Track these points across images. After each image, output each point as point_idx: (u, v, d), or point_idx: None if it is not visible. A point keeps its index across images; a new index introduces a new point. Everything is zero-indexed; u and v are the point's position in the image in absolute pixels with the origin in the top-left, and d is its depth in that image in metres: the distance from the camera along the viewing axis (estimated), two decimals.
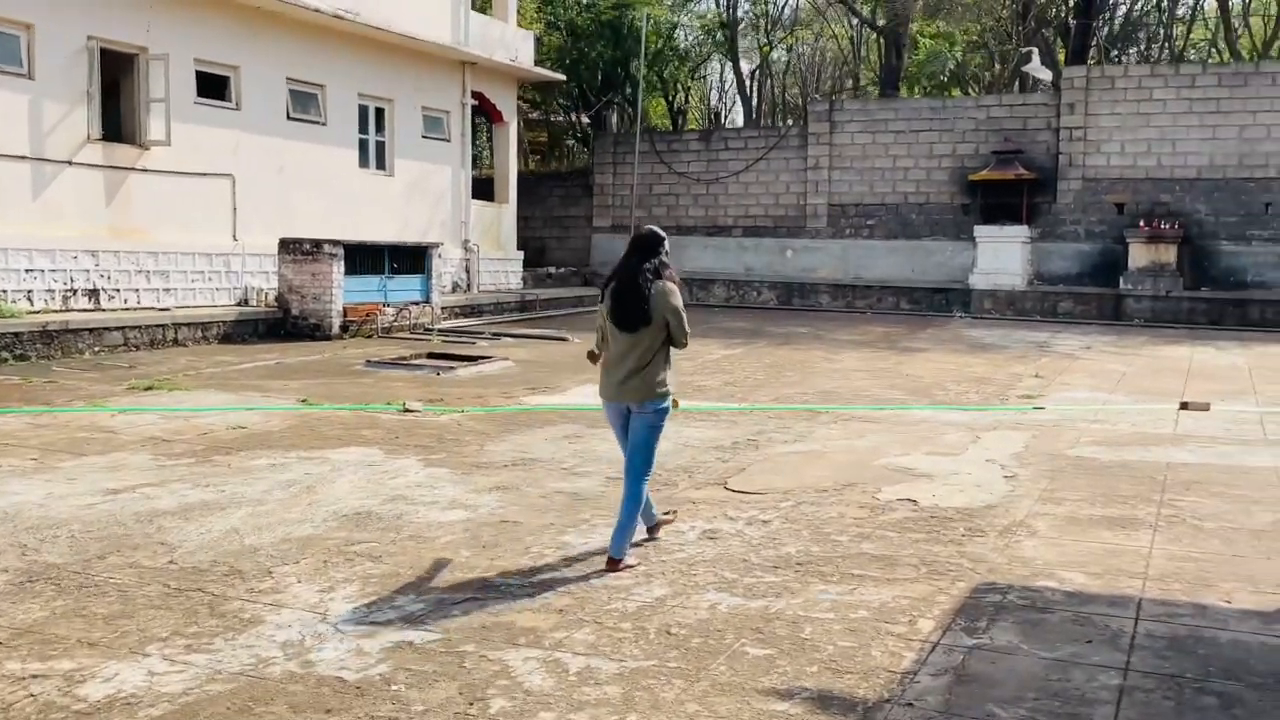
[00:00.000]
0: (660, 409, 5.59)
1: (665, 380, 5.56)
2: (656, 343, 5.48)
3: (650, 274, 5.42)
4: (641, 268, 5.44)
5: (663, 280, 5.45)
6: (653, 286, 5.41)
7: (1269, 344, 17.76)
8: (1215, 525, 6.42)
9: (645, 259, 5.47)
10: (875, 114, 24.62)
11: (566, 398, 11.24)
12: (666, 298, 5.42)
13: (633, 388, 5.51)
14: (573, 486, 7.31)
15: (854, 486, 7.40)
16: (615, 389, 5.59)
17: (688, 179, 26.16)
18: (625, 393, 5.55)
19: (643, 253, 5.49)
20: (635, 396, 5.53)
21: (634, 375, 5.49)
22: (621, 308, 5.44)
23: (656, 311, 5.41)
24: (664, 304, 5.41)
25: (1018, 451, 8.66)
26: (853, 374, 13.50)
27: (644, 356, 5.47)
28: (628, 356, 5.49)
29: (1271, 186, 21.38)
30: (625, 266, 5.52)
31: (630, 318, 5.42)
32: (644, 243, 5.53)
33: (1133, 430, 9.72)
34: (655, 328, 5.43)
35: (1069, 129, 22.80)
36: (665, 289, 5.44)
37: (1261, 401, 11.57)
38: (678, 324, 5.48)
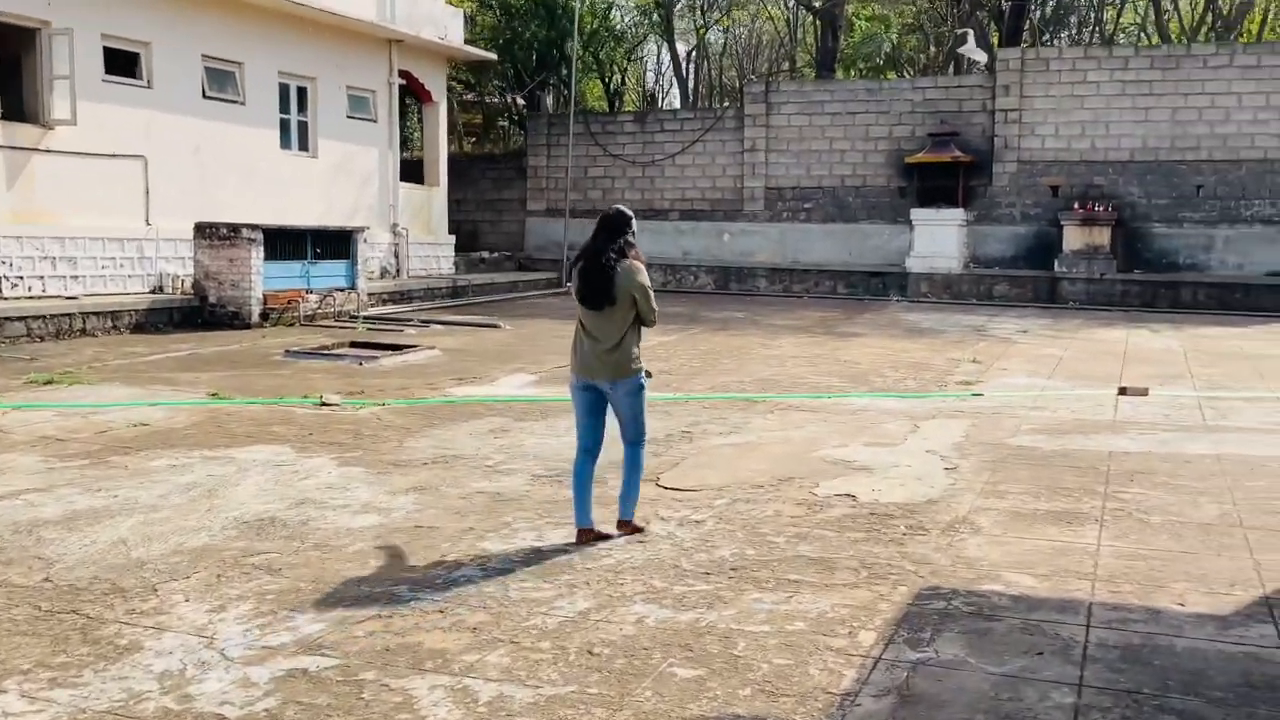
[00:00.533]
0: (636, 384, 5.69)
1: (636, 356, 5.65)
2: (625, 321, 5.55)
3: (615, 253, 5.49)
4: (607, 247, 5.51)
5: (628, 259, 5.52)
6: (618, 265, 5.47)
7: (1201, 326, 17.86)
8: (1162, 519, 6.20)
9: (611, 239, 5.53)
10: (811, 96, 24.38)
11: (495, 389, 10.80)
12: (632, 276, 5.50)
13: (604, 366, 5.59)
14: (495, 486, 6.90)
15: (791, 481, 7.09)
16: (586, 367, 5.66)
17: (623, 161, 25.72)
18: (597, 371, 5.62)
19: (609, 232, 5.55)
20: (607, 375, 5.61)
21: (605, 354, 5.57)
22: (588, 286, 5.52)
23: (622, 290, 5.47)
24: (629, 282, 5.49)
25: (958, 441, 8.42)
26: (790, 360, 13.23)
27: (613, 335, 5.54)
28: (597, 335, 5.57)
29: (1202, 169, 21.53)
30: (592, 246, 5.58)
31: (596, 296, 5.50)
32: (610, 223, 5.60)
33: (1073, 417, 9.54)
34: (622, 306, 5.50)
35: (1004, 111, 22.76)
36: (631, 267, 5.51)
37: (1198, 385, 11.50)
38: (645, 302, 5.55)
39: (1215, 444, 8.34)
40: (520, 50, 28.29)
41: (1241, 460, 7.76)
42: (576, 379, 5.77)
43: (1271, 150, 21.09)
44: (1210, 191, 21.46)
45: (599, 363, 5.60)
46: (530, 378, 11.50)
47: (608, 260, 5.48)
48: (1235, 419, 9.50)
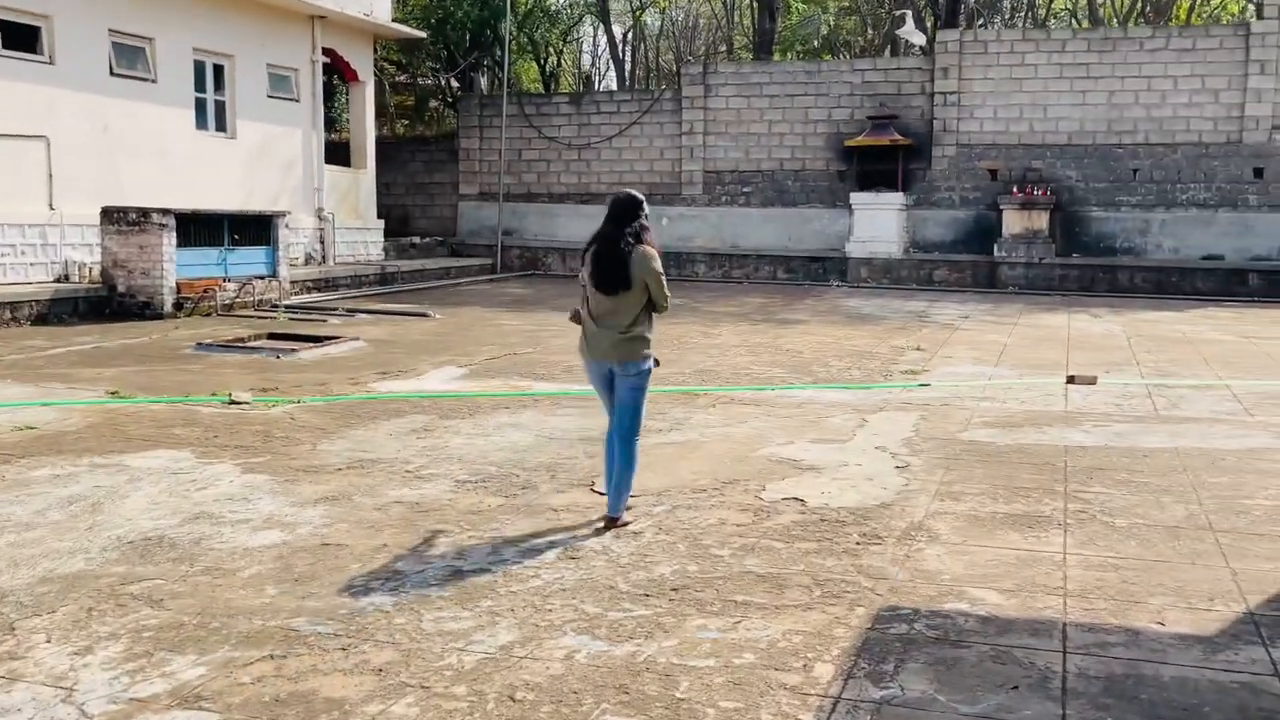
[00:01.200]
0: (643, 370, 5.71)
1: (647, 341, 5.69)
2: (637, 305, 5.59)
3: (631, 238, 5.52)
4: (622, 232, 5.53)
5: (643, 245, 5.55)
6: (633, 251, 5.51)
7: (1140, 310, 17.78)
8: (1128, 522, 5.83)
9: (625, 223, 5.55)
10: (750, 78, 23.94)
11: (422, 382, 10.20)
12: (647, 262, 5.53)
13: (615, 349, 5.62)
14: (416, 494, 6.33)
15: (735, 484, 6.62)
16: (598, 350, 5.70)
17: (558, 144, 25.08)
18: (608, 354, 5.66)
19: (622, 217, 5.58)
20: (617, 357, 5.64)
21: (615, 337, 5.60)
22: (601, 271, 5.54)
23: (636, 275, 5.51)
24: (644, 268, 5.52)
25: (908, 436, 8.02)
26: (731, 350, 12.78)
27: (625, 318, 5.58)
28: (609, 318, 5.60)
29: (1139, 152, 21.50)
30: (606, 231, 5.60)
31: (611, 281, 5.52)
32: (622, 207, 5.62)
33: (1024, 409, 9.21)
34: (635, 291, 5.54)
35: (943, 94, 22.52)
36: (645, 253, 5.54)
37: (1145, 373, 11.27)
38: (658, 288, 5.59)
39: (1172, 436, 8.04)
40: (453, 30, 27.44)
41: (1201, 454, 7.45)
42: (590, 362, 5.81)
43: (1206, 134, 21.12)
44: (1146, 175, 21.44)
45: (609, 346, 5.63)
46: (460, 370, 10.91)
47: (624, 245, 5.50)
48: (1187, 408, 9.24)
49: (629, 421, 5.77)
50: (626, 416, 5.76)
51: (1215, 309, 18.18)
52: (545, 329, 14.38)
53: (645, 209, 5.67)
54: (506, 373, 10.80)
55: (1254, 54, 20.60)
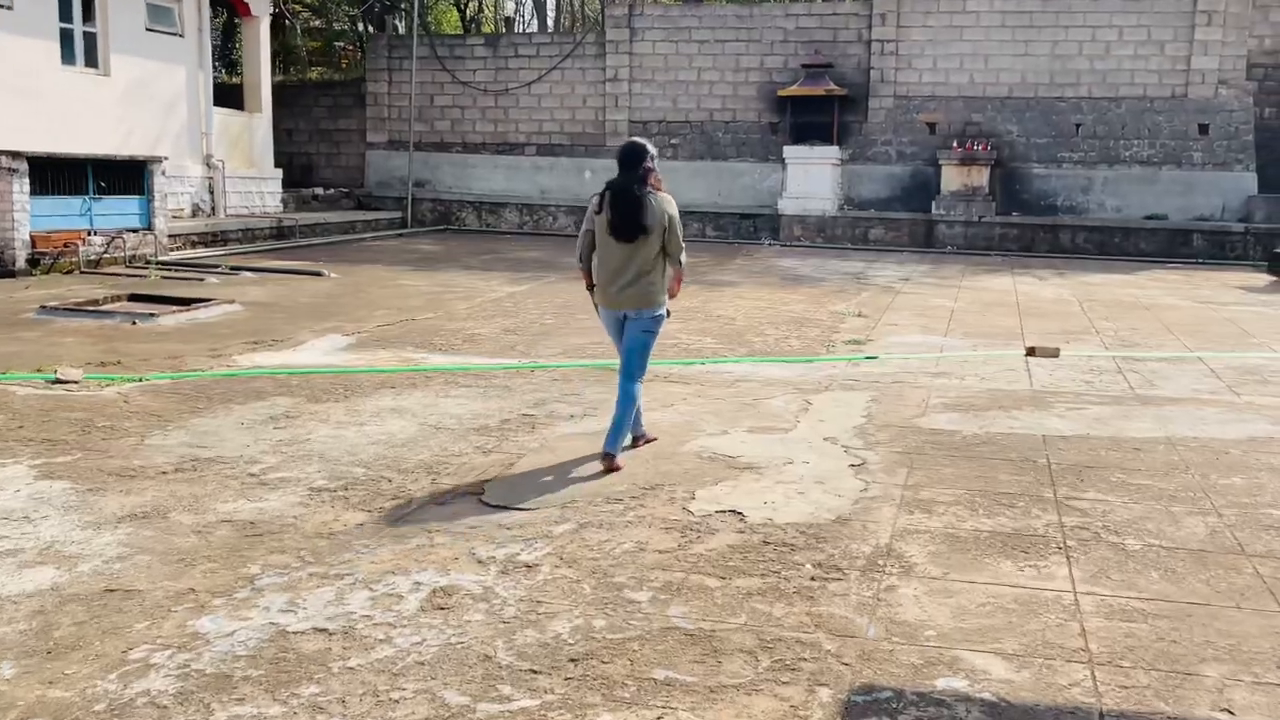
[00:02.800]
0: (657, 315, 5.76)
1: (662, 287, 5.72)
2: (653, 252, 5.62)
3: (643, 183, 5.52)
4: (635, 178, 5.54)
5: (654, 191, 5.56)
6: (649, 196, 5.53)
7: (1085, 272, 16.91)
8: (1140, 544, 4.73)
9: (635, 168, 5.55)
10: (678, 22, 22.51)
11: (296, 354, 8.78)
12: (664, 207, 5.59)
13: (631, 296, 5.66)
14: (254, 509, 4.99)
15: (659, 490, 5.39)
16: (613, 297, 5.72)
17: (474, 89, 23.42)
18: (623, 301, 5.69)
19: (630, 164, 5.57)
20: (633, 304, 5.68)
21: (632, 284, 5.64)
22: (619, 218, 5.55)
23: (653, 222, 5.55)
24: (659, 212, 5.56)
25: (859, 423, 6.87)
26: None
27: (643, 266, 5.61)
28: (625, 266, 5.62)
29: (1082, 106, 20.61)
30: (619, 179, 5.60)
31: (629, 227, 5.54)
32: (628, 155, 5.60)
33: (985, 386, 8.12)
34: (653, 238, 5.58)
35: (880, 42, 21.37)
36: (660, 198, 5.58)
37: (1108, 343, 10.28)
38: (674, 235, 5.64)
39: (1159, 423, 7.00)
40: None
41: (1200, 446, 6.41)
42: (605, 311, 5.83)
43: (1151, 87, 20.29)
44: (1089, 131, 20.57)
45: (626, 294, 5.65)
46: (346, 340, 9.50)
47: (641, 191, 5.51)
48: (1165, 386, 8.23)
49: (635, 363, 5.81)
50: (634, 358, 5.81)
51: (1161, 271, 17.40)
52: (451, 290, 12.97)
53: (651, 152, 5.64)
54: (399, 342, 9.42)
55: (1201, 4, 19.76)
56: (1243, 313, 12.50)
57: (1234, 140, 19.87)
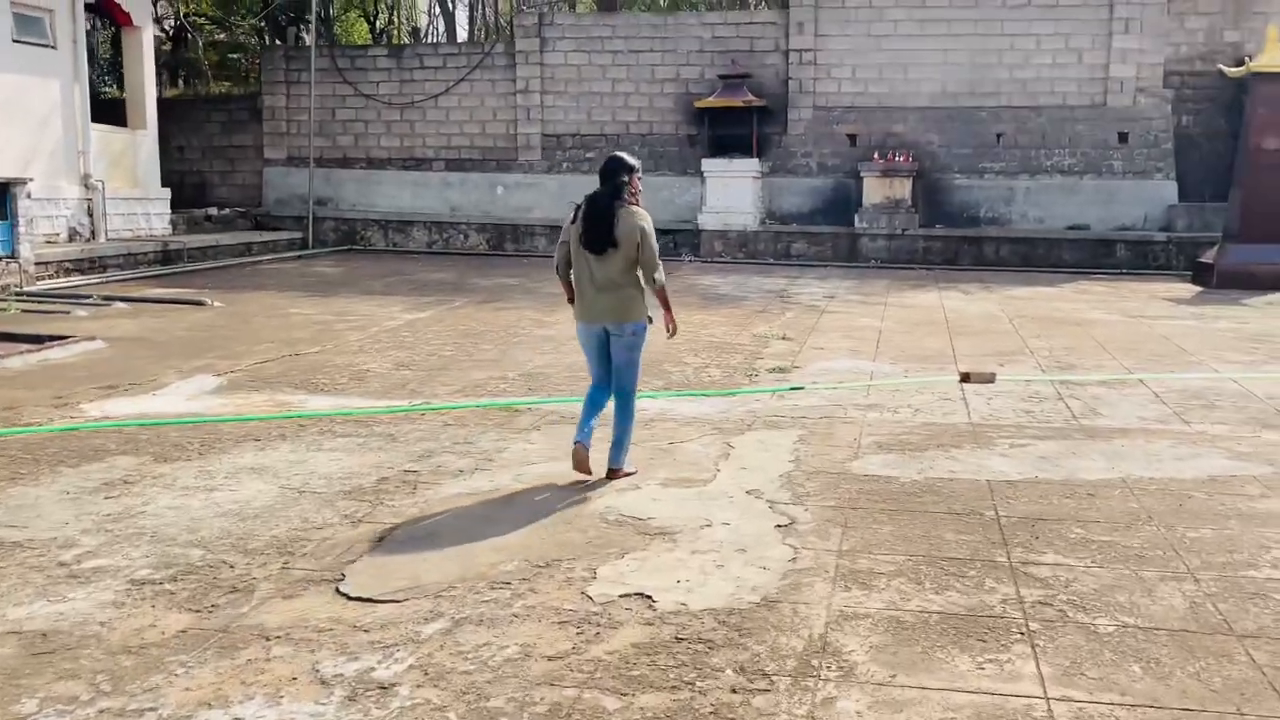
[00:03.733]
0: (637, 329, 5.71)
1: (639, 300, 5.67)
2: (627, 265, 5.58)
3: (617, 198, 5.54)
4: (608, 191, 5.56)
5: (629, 203, 5.56)
6: (620, 209, 5.53)
7: (1011, 286, 16.51)
8: (1114, 624, 4.04)
9: (611, 182, 5.56)
10: (590, 31, 21.77)
11: (155, 401, 7.79)
12: (633, 219, 5.55)
13: (607, 309, 5.65)
14: (53, 611, 4.07)
15: (555, 568, 4.58)
16: (590, 311, 5.70)
17: (378, 102, 22.38)
18: (599, 314, 5.68)
19: (607, 178, 5.58)
20: (611, 318, 5.67)
21: (607, 297, 5.62)
22: (588, 229, 5.57)
23: (622, 234, 5.52)
24: (630, 226, 5.52)
25: (786, 470, 6.13)
26: (568, 343, 10.71)
27: (616, 279, 5.60)
28: (599, 280, 5.61)
29: (1003, 115, 20.31)
30: (595, 192, 5.61)
31: (599, 240, 5.54)
32: (607, 169, 5.62)
33: (921, 420, 7.46)
34: (623, 250, 5.54)
35: (798, 51, 20.86)
36: (632, 212, 5.57)
37: (1044, 364, 9.73)
38: (646, 246, 5.56)
39: (1111, 460, 6.39)
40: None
41: (1160, 490, 5.79)
42: (581, 324, 5.81)
43: (1070, 96, 20.07)
44: (1011, 140, 20.28)
45: (603, 307, 5.65)
46: (216, 381, 8.52)
47: (609, 204, 5.54)
48: (1110, 414, 7.66)
49: (626, 380, 5.82)
50: (623, 376, 5.81)
51: (1087, 283, 17.09)
52: (345, 318, 12.01)
53: (630, 168, 5.61)
54: (278, 383, 8.47)
55: (1119, 11, 19.60)
56: (1176, 327, 12.10)
57: (1154, 149, 19.72)
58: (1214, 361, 9.92)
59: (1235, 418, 7.56)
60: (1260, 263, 15.98)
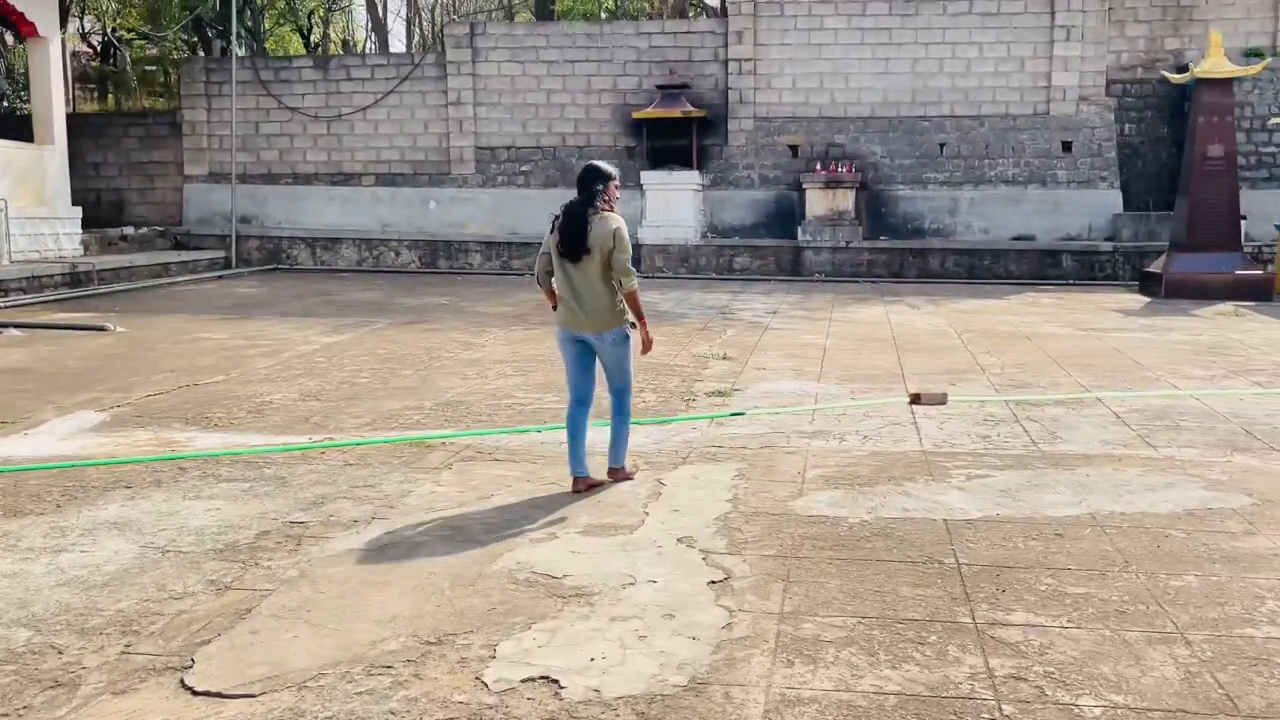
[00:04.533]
0: (617, 336, 5.72)
1: (620, 308, 5.69)
2: (602, 272, 5.60)
3: (591, 205, 5.59)
4: (583, 200, 5.61)
5: (601, 212, 5.60)
6: (593, 217, 5.58)
7: (958, 298, 16.10)
8: (1100, 706, 3.44)
9: (586, 191, 5.62)
10: (524, 41, 21.12)
11: (26, 442, 6.98)
12: (605, 225, 5.58)
13: (587, 317, 5.66)
14: None
15: (448, 644, 3.90)
16: (570, 319, 5.72)
17: (303, 115, 21.52)
18: (579, 323, 5.69)
19: (584, 186, 5.64)
20: (591, 327, 5.68)
21: (587, 305, 5.64)
22: (562, 237, 5.63)
23: (595, 242, 5.56)
24: (603, 231, 5.56)
25: (723, 512, 5.51)
26: (495, 367, 10.03)
27: (594, 286, 5.62)
28: (578, 287, 5.65)
29: (945, 125, 19.98)
30: (571, 201, 5.68)
31: (573, 247, 5.59)
32: (582, 178, 5.67)
33: (869, 449, 6.87)
34: (596, 257, 5.58)
35: (738, 61, 20.38)
36: (605, 218, 5.61)
37: (997, 382, 9.22)
38: (618, 252, 5.57)
39: (1077, 492, 5.84)
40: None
41: (1134, 528, 5.24)
42: (562, 331, 5.80)
43: (1013, 105, 19.80)
44: (954, 150, 19.95)
45: (583, 315, 5.65)
46: (99, 417, 7.71)
47: (583, 211, 5.58)
48: (1071, 438, 7.14)
49: (619, 380, 5.85)
50: (614, 377, 5.85)
51: (1034, 294, 16.73)
52: (257, 343, 11.21)
53: (605, 174, 5.65)
54: (167, 418, 7.68)
55: (1059, 19, 19.37)
56: (1128, 340, 11.69)
57: (1097, 158, 19.49)
58: (1172, 377, 9.48)
59: (1203, 440, 7.08)
60: (1207, 272, 15.73)
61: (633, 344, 5.80)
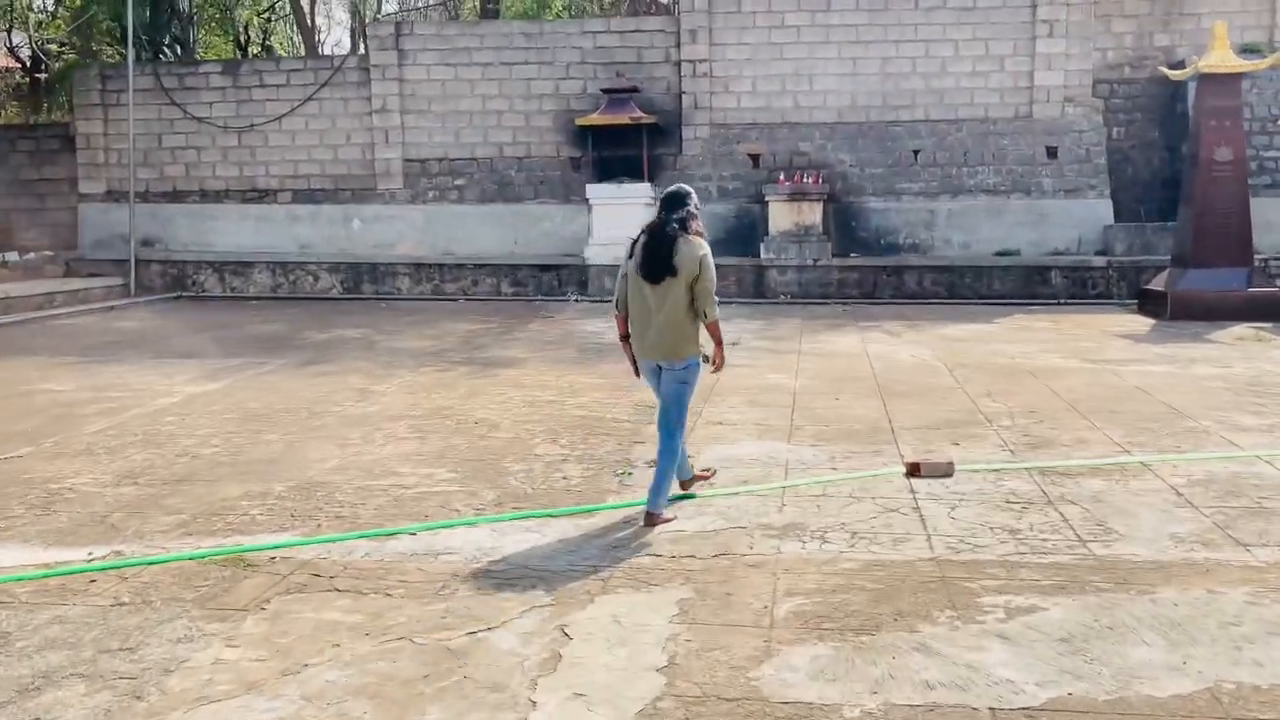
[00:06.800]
0: (690, 366, 5.53)
1: (694, 337, 5.51)
2: (681, 298, 5.42)
3: (677, 224, 5.43)
4: (670, 219, 5.46)
5: (690, 234, 5.42)
6: (679, 237, 5.40)
7: (940, 322, 14.32)
8: None
9: (673, 211, 5.48)
10: (455, 42, 19.17)
11: None
12: (693, 249, 5.39)
13: (660, 345, 5.49)
14: None
15: None
16: (644, 346, 5.57)
17: (211, 126, 19.44)
18: (654, 350, 5.53)
19: (673, 206, 5.50)
20: (663, 354, 5.51)
21: (662, 332, 5.46)
22: (646, 255, 5.44)
23: (681, 262, 5.36)
24: (690, 255, 5.37)
25: (652, 697, 3.61)
26: (387, 426, 8.07)
27: (672, 312, 5.42)
28: (655, 312, 5.46)
29: (920, 130, 18.26)
30: (657, 219, 5.52)
31: (656, 267, 5.41)
32: (670, 199, 5.56)
33: (862, 555, 5.00)
34: (681, 279, 5.38)
35: (692, 62, 18.58)
36: (692, 242, 5.41)
37: (1009, 440, 7.39)
38: (704, 281, 5.38)
39: (1174, 647, 3.98)
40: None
41: None
42: (640, 360, 5.66)
43: (993, 108, 18.12)
44: (929, 157, 18.23)
45: (654, 342, 5.49)
46: None
47: (670, 229, 5.40)
48: (1128, 530, 5.32)
49: (672, 415, 5.57)
50: (669, 412, 5.57)
51: (1023, 315, 15.00)
52: (104, 397, 9.18)
53: (693, 198, 5.55)
54: None
55: (1042, 13, 17.73)
56: (1150, 376, 9.92)
57: (1085, 164, 17.83)
58: (1222, 428, 7.69)
59: None
60: (1217, 290, 14.07)
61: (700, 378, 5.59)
